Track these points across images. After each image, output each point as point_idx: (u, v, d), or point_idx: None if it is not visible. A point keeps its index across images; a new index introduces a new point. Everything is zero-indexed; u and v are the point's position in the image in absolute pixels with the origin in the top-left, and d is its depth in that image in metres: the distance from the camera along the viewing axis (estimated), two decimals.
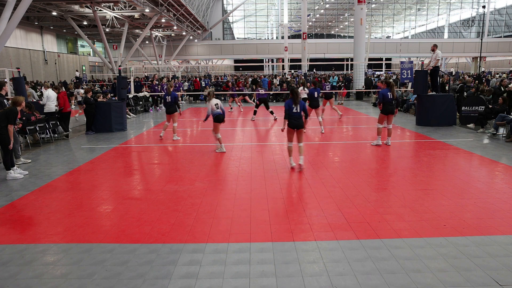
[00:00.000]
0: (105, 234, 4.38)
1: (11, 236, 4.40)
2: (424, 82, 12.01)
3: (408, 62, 17.44)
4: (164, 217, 4.84)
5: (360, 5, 21.44)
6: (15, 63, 29.38)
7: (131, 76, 19.60)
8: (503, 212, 4.82)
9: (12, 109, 6.72)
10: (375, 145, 9.06)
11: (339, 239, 4.15)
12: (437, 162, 7.43)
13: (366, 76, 24.94)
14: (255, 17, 58.29)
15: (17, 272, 3.60)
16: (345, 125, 12.85)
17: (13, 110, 6.70)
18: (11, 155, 6.92)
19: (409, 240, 4.08)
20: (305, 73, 29.43)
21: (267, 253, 3.87)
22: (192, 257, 3.82)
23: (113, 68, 30.47)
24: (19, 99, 6.96)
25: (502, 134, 9.78)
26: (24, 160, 8.01)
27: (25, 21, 30.77)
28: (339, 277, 3.42)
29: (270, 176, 6.67)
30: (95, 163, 7.84)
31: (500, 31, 55.03)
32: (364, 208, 5.02)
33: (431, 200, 5.28)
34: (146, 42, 45.64)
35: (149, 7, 27.23)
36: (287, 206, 5.17)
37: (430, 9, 57.53)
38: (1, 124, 6.60)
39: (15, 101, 6.93)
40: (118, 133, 11.68)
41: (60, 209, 5.24)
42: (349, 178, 6.46)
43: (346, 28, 64.02)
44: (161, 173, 7.04)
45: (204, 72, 49.86)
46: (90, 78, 38.12)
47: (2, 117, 6.61)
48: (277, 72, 51.10)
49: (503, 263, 3.61)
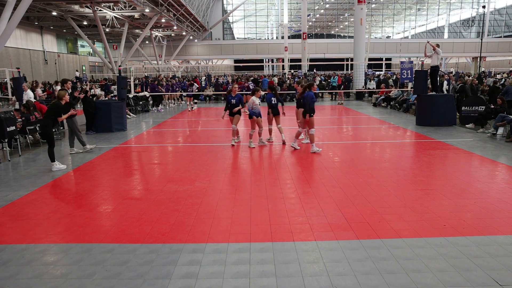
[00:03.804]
0: (105, 234, 4.38)
1: (11, 236, 4.40)
2: (424, 82, 12.02)
3: (408, 62, 17.44)
4: (164, 217, 4.84)
5: (360, 5, 21.45)
6: (15, 63, 29.39)
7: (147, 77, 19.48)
8: (503, 212, 4.82)
9: (57, 104, 7.41)
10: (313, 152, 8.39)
11: (339, 239, 4.15)
12: (437, 162, 7.43)
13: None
14: (255, 17, 58.29)
15: (17, 272, 3.60)
16: (345, 125, 12.85)
17: (58, 105, 7.41)
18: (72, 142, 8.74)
19: (409, 240, 4.08)
20: (305, 73, 29.44)
21: (267, 253, 3.87)
22: (192, 257, 3.82)
23: (113, 68, 30.49)
24: (61, 93, 7.58)
25: (502, 134, 9.78)
26: (90, 147, 9.04)
27: (25, 21, 30.77)
28: (339, 277, 3.42)
29: (270, 176, 6.67)
30: (95, 163, 7.84)
31: (500, 31, 55.03)
32: (364, 208, 5.02)
33: (431, 200, 5.28)
34: (146, 42, 45.65)
35: (149, 7, 27.24)
36: (287, 206, 5.17)
37: (430, 9, 57.53)
38: (47, 119, 7.29)
39: (58, 95, 7.56)
40: (118, 133, 11.68)
41: (60, 209, 5.23)
42: (349, 178, 6.46)
43: (346, 28, 64.02)
44: (161, 173, 7.04)
45: (204, 72, 49.84)
46: (90, 78, 38.11)
47: (48, 112, 7.36)
48: (277, 73, 51.10)
49: (503, 263, 3.61)
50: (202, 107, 19.20)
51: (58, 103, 7.43)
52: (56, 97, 7.61)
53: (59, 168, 7.35)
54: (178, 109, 18.76)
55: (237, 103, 9.27)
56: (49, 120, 7.31)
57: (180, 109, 18.97)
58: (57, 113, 7.38)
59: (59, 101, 7.48)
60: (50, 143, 7.34)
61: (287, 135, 9.87)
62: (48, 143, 7.36)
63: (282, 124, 9.55)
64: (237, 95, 9.32)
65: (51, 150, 7.36)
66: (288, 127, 11.66)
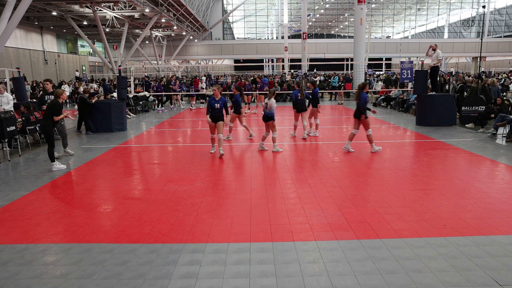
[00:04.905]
0: (105, 234, 4.38)
1: (11, 236, 4.40)
2: (424, 82, 12.02)
3: (408, 62, 17.44)
4: (164, 217, 4.84)
5: (360, 5, 21.43)
6: (15, 63, 29.37)
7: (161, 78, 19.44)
8: (503, 212, 4.82)
9: (55, 102, 7.35)
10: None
11: (339, 239, 4.15)
12: (437, 162, 7.43)
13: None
14: (255, 17, 58.25)
15: (17, 272, 3.60)
16: (345, 125, 12.84)
17: (56, 103, 7.35)
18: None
19: (409, 240, 4.08)
20: (305, 73, 29.42)
21: (267, 253, 3.87)
22: (192, 257, 3.82)
23: (113, 68, 30.47)
24: (59, 91, 7.53)
25: (502, 134, 9.78)
26: (69, 152, 8.70)
27: (25, 21, 30.75)
28: (339, 277, 3.42)
29: (270, 176, 6.67)
30: (95, 163, 7.84)
31: (500, 31, 55.00)
32: (364, 208, 5.02)
33: (431, 200, 5.28)
34: (146, 42, 45.63)
35: (149, 7, 27.23)
36: (287, 206, 5.17)
37: (430, 9, 57.50)
38: (47, 118, 7.28)
39: (56, 94, 7.49)
40: (118, 133, 11.68)
41: (60, 209, 5.24)
42: (349, 178, 6.46)
43: (346, 28, 64.00)
44: (161, 173, 7.04)
45: (204, 72, 49.84)
46: (90, 78, 38.11)
47: (47, 111, 7.32)
48: (276, 73, 51.09)
49: (503, 263, 3.61)
50: (202, 107, 19.17)
51: (56, 102, 7.36)
52: (54, 95, 7.54)
53: (59, 168, 7.35)
54: (180, 109, 18.78)
55: (221, 108, 8.10)
56: (49, 120, 7.31)
57: (181, 109, 18.99)
58: (56, 111, 7.31)
59: (57, 99, 7.41)
60: (51, 143, 7.35)
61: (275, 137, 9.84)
62: (48, 143, 7.36)
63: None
64: (221, 98, 8.15)
65: (51, 150, 7.36)
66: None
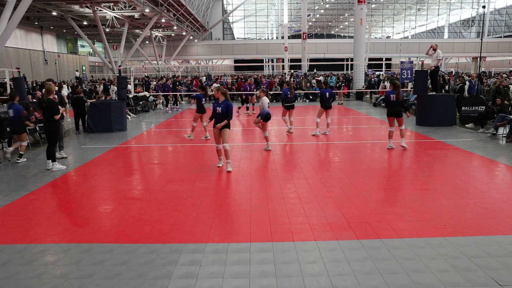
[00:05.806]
0: (105, 234, 4.38)
1: (11, 236, 4.40)
2: (424, 82, 12.02)
3: (408, 62, 17.43)
4: (164, 217, 4.84)
5: (360, 5, 21.43)
6: (15, 63, 29.36)
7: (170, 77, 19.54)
8: (503, 212, 4.82)
9: (51, 101, 7.22)
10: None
11: (339, 239, 4.15)
12: (437, 162, 7.43)
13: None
14: (255, 17, 58.25)
15: (17, 272, 3.60)
16: (345, 125, 12.84)
17: (52, 101, 7.23)
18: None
19: (409, 240, 4.08)
20: (305, 73, 29.41)
21: (267, 253, 3.87)
22: (192, 257, 3.82)
23: (113, 68, 30.47)
24: (51, 87, 7.38)
25: (502, 134, 9.78)
26: (62, 154, 8.47)
27: (25, 21, 30.76)
28: (339, 277, 3.42)
29: (270, 176, 6.67)
30: (95, 163, 7.83)
31: (500, 31, 55.01)
32: (364, 208, 5.02)
33: (431, 200, 5.28)
34: (146, 42, 45.63)
35: (149, 7, 27.23)
36: (287, 206, 5.17)
37: (430, 9, 57.50)
38: (50, 119, 7.19)
39: (48, 90, 7.33)
40: (118, 133, 11.68)
41: (60, 209, 5.24)
42: (349, 178, 6.46)
43: (346, 28, 64.00)
44: (161, 173, 7.04)
45: (204, 72, 49.86)
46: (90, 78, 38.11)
47: (47, 112, 7.20)
48: (276, 73, 51.07)
49: (503, 263, 3.61)
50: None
51: (52, 101, 7.22)
52: (46, 92, 7.33)
53: (59, 168, 7.35)
54: (183, 109, 18.78)
55: (225, 113, 6.88)
56: (52, 121, 7.20)
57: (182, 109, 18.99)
58: (56, 110, 7.18)
59: (50, 98, 7.23)
60: (53, 142, 7.33)
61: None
62: (51, 141, 7.32)
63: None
64: (224, 101, 6.90)
65: (53, 149, 7.35)
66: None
